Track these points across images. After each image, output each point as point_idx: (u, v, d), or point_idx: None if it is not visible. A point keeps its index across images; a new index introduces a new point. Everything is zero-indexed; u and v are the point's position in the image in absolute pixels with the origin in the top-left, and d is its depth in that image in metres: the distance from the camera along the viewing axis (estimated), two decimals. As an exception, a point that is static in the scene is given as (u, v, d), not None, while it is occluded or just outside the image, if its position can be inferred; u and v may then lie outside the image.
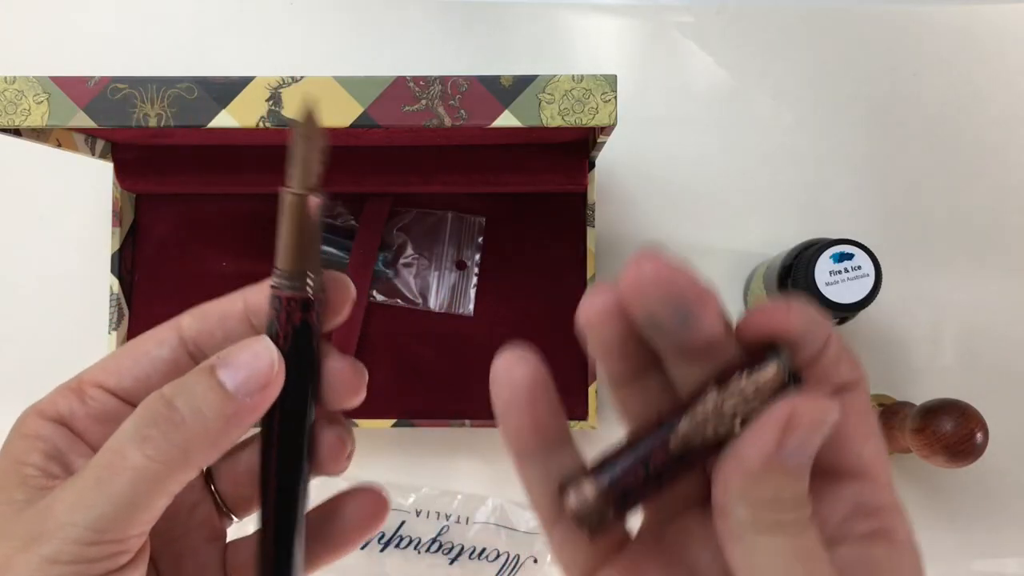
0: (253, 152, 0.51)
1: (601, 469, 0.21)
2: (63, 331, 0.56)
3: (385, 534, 0.54)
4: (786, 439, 0.19)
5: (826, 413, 0.19)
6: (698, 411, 0.20)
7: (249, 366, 0.22)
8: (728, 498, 0.20)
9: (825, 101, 0.58)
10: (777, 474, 0.19)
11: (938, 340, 0.56)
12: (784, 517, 0.19)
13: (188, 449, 0.21)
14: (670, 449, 0.20)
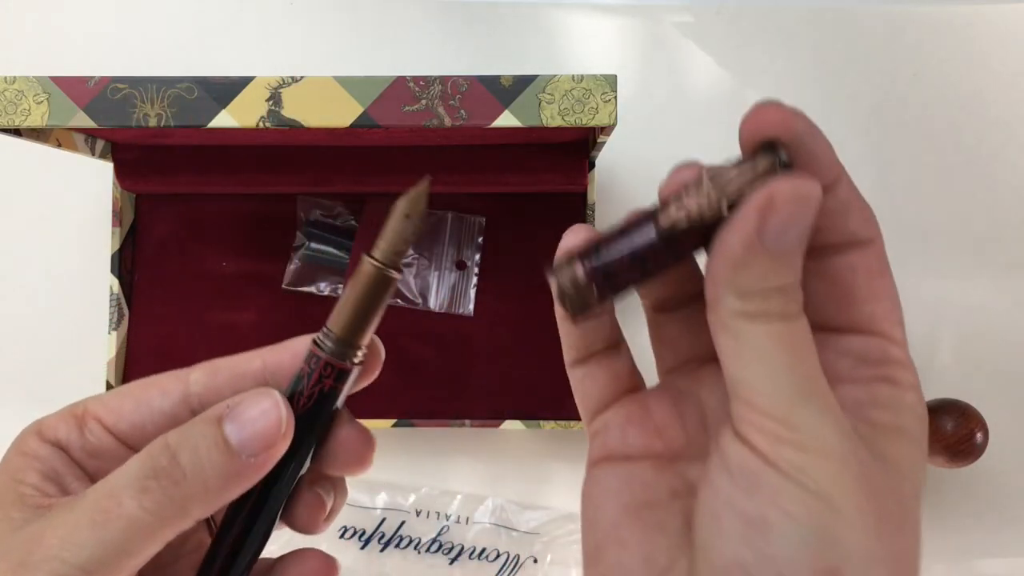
0: (253, 152, 0.51)
1: (589, 251, 0.21)
2: (63, 331, 0.56)
3: (385, 534, 0.54)
4: (766, 222, 0.19)
5: (804, 191, 0.19)
6: (688, 196, 0.20)
7: (256, 424, 0.22)
8: (716, 289, 0.20)
9: (825, 101, 0.58)
10: (761, 258, 0.19)
11: (938, 340, 0.55)
12: (772, 307, 0.19)
13: (185, 505, 0.21)
14: (659, 229, 0.20)
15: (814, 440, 0.19)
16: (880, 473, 0.20)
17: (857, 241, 0.21)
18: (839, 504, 0.18)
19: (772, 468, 0.19)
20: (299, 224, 0.54)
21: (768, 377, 0.19)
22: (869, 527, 0.19)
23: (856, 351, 0.21)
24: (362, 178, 0.51)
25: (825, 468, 0.19)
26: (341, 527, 0.54)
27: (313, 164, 0.51)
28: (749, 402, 0.19)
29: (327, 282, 0.54)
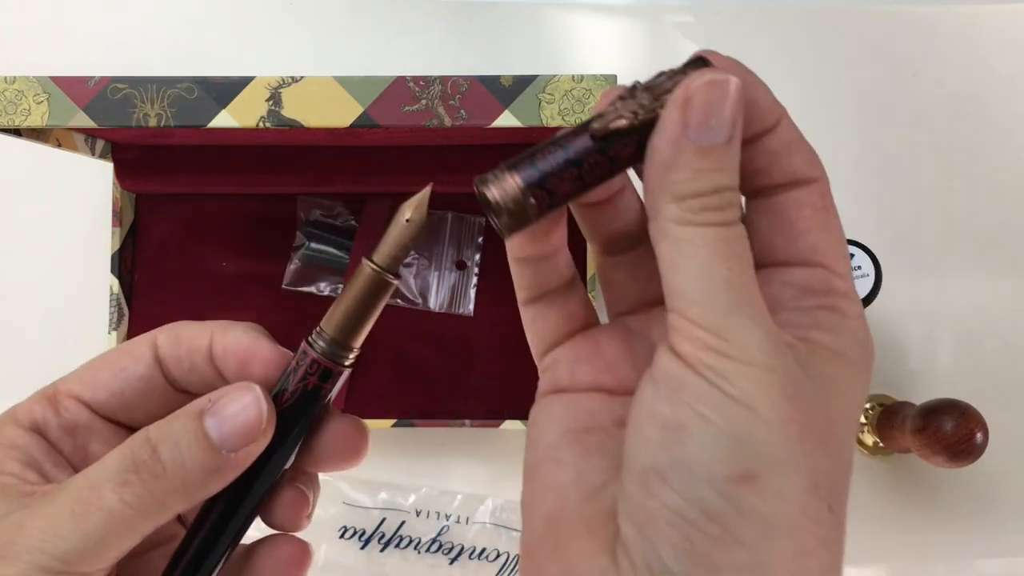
0: (253, 152, 0.51)
1: (521, 163, 0.20)
2: (63, 331, 0.56)
3: (385, 534, 0.54)
4: (688, 117, 0.19)
5: (718, 79, 0.19)
6: (619, 102, 0.20)
7: (237, 419, 0.22)
8: (653, 197, 0.20)
9: (825, 101, 0.58)
10: (690, 155, 0.19)
11: (938, 340, 0.55)
12: (708, 211, 0.19)
13: (165, 499, 0.22)
14: (592, 133, 0.20)
15: (741, 349, 0.19)
16: (810, 388, 0.20)
17: (801, 180, 0.22)
18: (760, 410, 0.18)
19: (694, 374, 0.19)
20: (299, 224, 0.54)
21: (702, 286, 0.19)
22: (791, 435, 0.18)
23: (800, 282, 0.22)
24: (362, 178, 0.51)
25: (748, 375, 0.18)
26: (341, 526, 0.54)
27: (313, 164, 0.51)
28: (682, 312, 0.19)
29: (327, 282, 0.54)
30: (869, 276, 0.45)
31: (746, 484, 0.18)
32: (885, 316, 0.55)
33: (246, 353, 0.24)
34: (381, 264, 0.23)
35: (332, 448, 0.25)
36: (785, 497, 0.18)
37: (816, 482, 0.19)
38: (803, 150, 0.22)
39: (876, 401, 0.54)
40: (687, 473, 0.18)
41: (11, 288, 0.57)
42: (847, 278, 0.22)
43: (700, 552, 0.18)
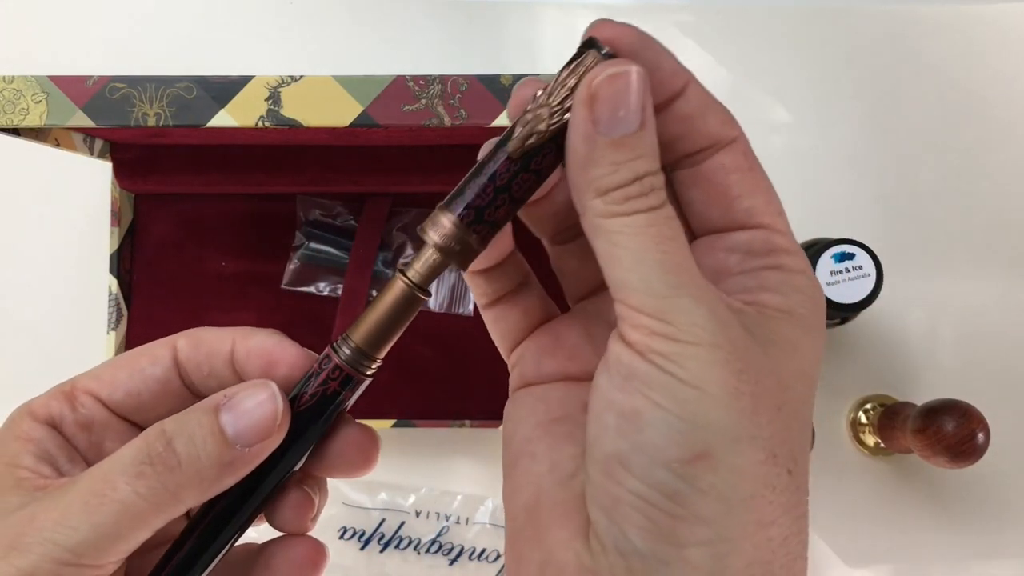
0: (252, 152, 0.51)
1: (453, 199, 0.21)
2: (62, 331, 0.56)
3: (385, 535, 0.54)
4: (596, 112, 0.19)
5: (618, 70, 0.19)
6: (528, 114, 0.20)
7: (252, 415, 0.22)
8: (579, 195, 0.20)
9: (825, 101, 0.58)
10: (605, 149, 0.19)
11: (938, 340, 0.55)
12: (632, 200, 0.19)
13: (179, 492, 0.22)
14: (510, 156, 0.20)
15: (685, 330, 0.19)
16: (760, 355, 0.20)
17: (721, 141, 0.22)
18: (709, 388, 0.19)
19: (645, 361, 0.19)
20: (299, 224, 0.54)
21: (638, 273, 0.19)
22: (742, 407, 0.19)
23: (742, 246, 0.22)
24: (362, 178, 0.51)
25: (694, 355, 0.19)
26: (341, 527, 0.54)
27: (313, 164, 0.51)
28: (625, 301, 0.19)
29: (326, 282, 0.54)
30: (869, 276, 0.45)
31: (702, 463, 0.19)
32: (885, 316, 0.55)
33: (271, 355, 0.24)
34: (414, 280, 0.23)
35: (343, 455, 0.25)
36: (741, 471, 0.19)
37: (772, 450, 0.19)
38: (716, 111, 0.22)
39: (877, 401, 0.54)
40: (646, 458, 0.19)
41: (10, 288, 0.57)
42: (787, 233, 0.22)
43: (665, 532, 0.19)
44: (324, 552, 0.26)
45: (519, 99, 0.21)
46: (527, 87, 0.21)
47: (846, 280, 0.45)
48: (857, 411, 0.55)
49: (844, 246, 0.45)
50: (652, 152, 0.20)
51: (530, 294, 0.25)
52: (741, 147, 0.22)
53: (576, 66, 0.20)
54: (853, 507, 0.54)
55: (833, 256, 0.45)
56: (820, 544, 0.54)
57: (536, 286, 0.26)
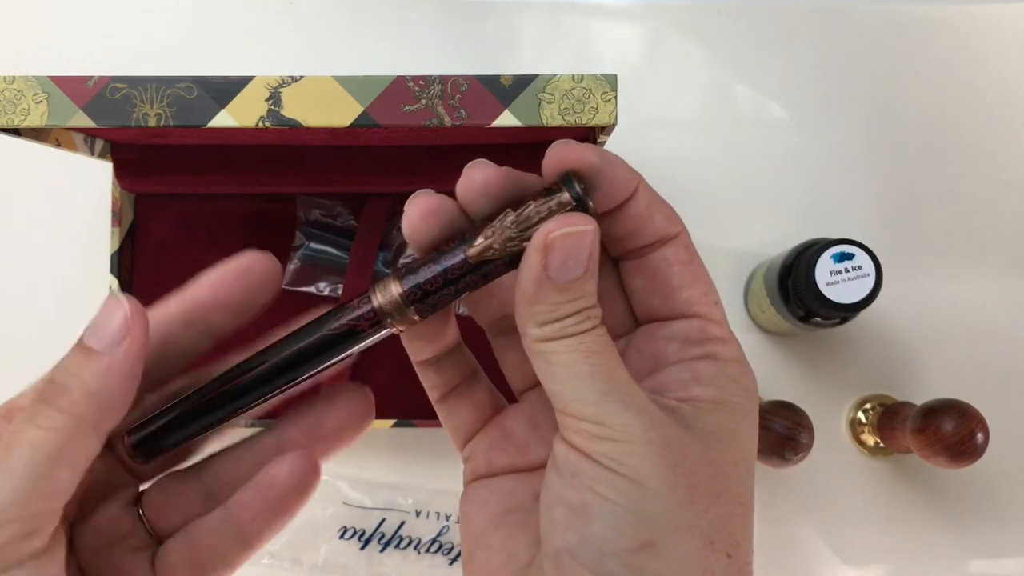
0: (253, 152, 0.51)
1: (406, 273, 0.23)
2: (62, 331, 0.56)
3: (385, 534, 0.54)
4: (549, 260, 0.21)
5: (575, 228, 0.21)
6: (493, 229, 0.22)
7: (102, 321, 0.23)
8: (521, 322, 0.22)
9: (825, 101, 0.58)
10: (551, 291, 0.21)
11: (938, 340, 0.55)
12: (569, 328, 0.22)
13: (78, 414, 0.22)
14: (467, 258, 0.23)
15: (621, 431, 0.21)
16: (696, 447, 0.22)
17: (665, 236, 0.24)
18: (647, 482, 0.20)
19: (589, 460, 0.21)
20: (299, 224, 0.54)
21: (575, 387, 0.21)
22: (680, 499, 0.21)
23: (680, 334, 0.24)
24: (362, 178, 0.51)
25: (632, 453, 0.21)
26: (341, 527, 0.54)
27: (313, 164, 0.51)
28: (564, 411, 0.22)
29: (327, 282, 0.54)
30: (869, 276, 0.45)
31: (647, 552, 0.20)
32: (885, 316, 0.55)
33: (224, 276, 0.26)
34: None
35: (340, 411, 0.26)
36: (683, 557, 0.20)
37: (711, 536, 0.21)
38: (662, 209, 0.24)
39: (877, 401, 0.54)
40: (594, 550, 0.20)
41: (10, 288, 0.57)
42: (722, 322, 0.24)
43: None
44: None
45: (468, 181, 0.23)
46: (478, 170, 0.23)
47: (845, 280, 0.45)
48: (856, 411, 0.55)
49: (844, 246, 0.45)
50: (591, 292, 0.22)
51: (478, 388, 0.27)
52: (683, 241, 0.24)
53: (550, 201, 0.22)
54: (852, 507, 0.54)
55: (833, 256, 0.45)
56: (820, 544, 0.54)
57: (484, 380, 0.28)
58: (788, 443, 0.44)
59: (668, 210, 0.24)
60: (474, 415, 0.27)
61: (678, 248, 0.24)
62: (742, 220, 0.57)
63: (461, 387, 0.27)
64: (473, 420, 0.27)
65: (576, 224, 0.21)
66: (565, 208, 0.22)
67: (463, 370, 0.27)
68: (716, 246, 0.56)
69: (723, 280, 0.56)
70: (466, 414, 0.27)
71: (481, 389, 0.27)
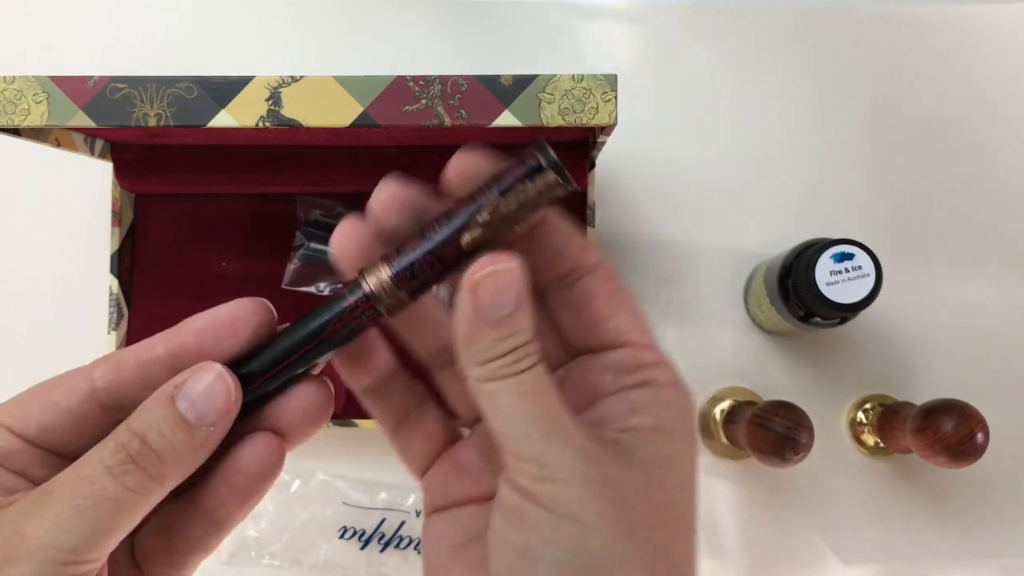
0: (253, 152, 0.51)
1: (397, 258, 0.23)
2: (63, 331, 0.56)
3: (385, 534, 0.54)
4: (477, 301, 0.22)
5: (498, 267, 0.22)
6: (487, 217, 0.23)
7: (206, 398, 0.23)
8: (462, 363, 0.23)
9: (825, 101, 0.58)
10: (485, 330, 0.22)
11: (938, 340, 0.55)
12: (508, 367, 0.22)
13: (163, 480, 0.23)
14: (460, 247, 0.23)
15: (560, 471, 0.21)
16: (636, 479, 0.22)
17: (584, 268, 0.25)
18: (588, 521, 0.21)
19: (531, 503, 0.22)
20: (299, 224, 0.54)
21: (516, 427, 0.22)
22: (620, 533, 0.21)
23: (614, 365, 0.25)
24: (362, 178, 0.51)
25: (572, 493, 0.21)
26: (341, 527, 0.54)
27: (313, 164, 0.51)
28: (508, 450, 0.22)
29: (327, 282, 0.54)
30: (869, 276, 0.45)
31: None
32: (885, 316, 0.55)
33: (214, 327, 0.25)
34: None
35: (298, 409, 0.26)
36: None
37: (652, 566, 0.22)
38: (575, 239, 0.25)
39: (876, 401, 0.54)
40: None
41: (10, 288, 0.57)
42: (652, 346, 0.25)
43: None
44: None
45: (459, 168, 0.24)
46: (467, 159, 0.24)
47: (845, 280, 0.45)
48: (856, 411, 0.55)
49: (844, 246, 0.45)
50: (526, 327, 0.22)
51: (428, 420, 0.28)
52: (603, 272, 0.25)
53: (537, 180, 0.22)
54: (852, 507, 0.54)
55: (832, 256, 0.45)
56: (820, 544, 0.54)
57: (434, 412, 0.28)
58: (788, 443, 0.44)
59: (584, 242, 0.25)
60: (426, 447, 0.28)
61: (599, 279, 0.25)
62: (742, 220, 0.57)
63: (411, 418, 0.28)
64: (426, 452, 0.28)
65: (500, 263, 0.22)
66: (550, 186, 0.22)
67: (408, 399, 0.28)
68: (716, 246, 0.56)
69: (723, 280, 0.56)
70: (419, 446, 0.28)
71: (431, 420, 0.28)
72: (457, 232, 0.23)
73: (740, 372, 0.55)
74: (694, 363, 0.55)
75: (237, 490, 0.25)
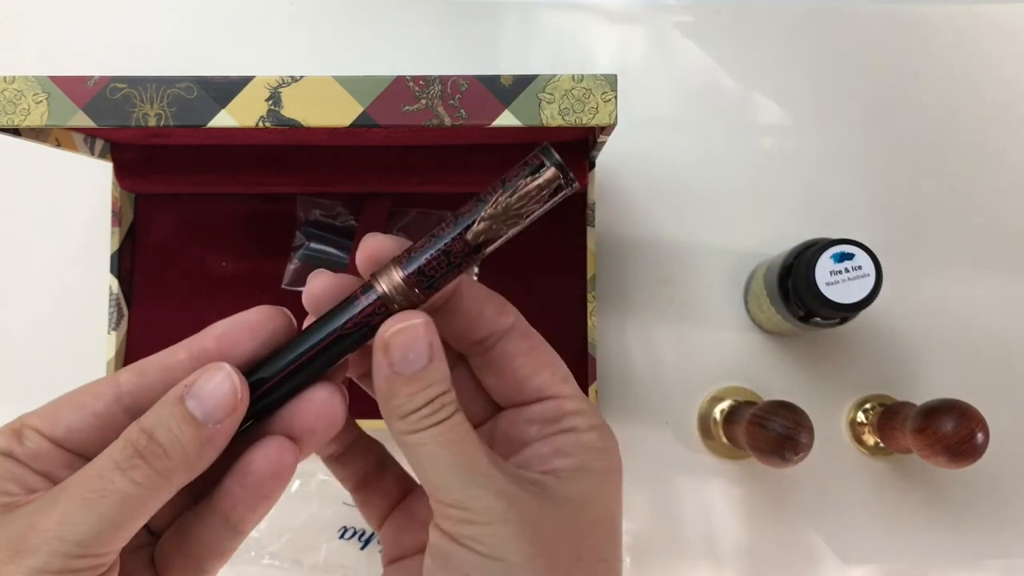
0: (253, 152, 0.51)
1: (407, 259, 0.24)
2: (63, 331, 0.56)
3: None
4: (390, 357, 0.23)
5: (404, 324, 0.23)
6: (490, 211, 0.23)
7: (213, 396, 0.24)
8: (385, 419, 0.24)
9: (825, 101, 0.58)
10: (400, 384, 0.23)
11: (938, 340, 0.55)
12: (426, 418, 0.23)
13: (170, 476, 0.23)
14: (467, 242, 0.24)
15: (481, 513, 0.23)
16: (554, 516, 0.24)
17: (499, 330, 0.26)
18: (508, 558, 0.23)
19: (457, 544, 0.23)
20: (299, 224, 0.54)
21: (438, 474, 0.23)
22: (538, 567, 0.23)
23: (539, 416, 0.26)
24: (362, 178, 0.51)
25: (492, 532, 0.23)
26: (341, 527, 0.54)
27: (313, 164, 0.51)
28: (434, 497, 0.24)
29: (327, 282, 0.54)
30: (869, 276, 0.45)
31: None
32: (885, 316, 0.55)
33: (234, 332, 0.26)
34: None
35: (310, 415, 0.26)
36: None
37: None
38: (490, 302, 0.26)
39: (876, 401, 0.54)
40: None
41: (10, 288, 0.57)
42: (574, 396, 0.26)
43: None
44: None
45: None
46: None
47: (845, 280, 0.45)
48: (856, 411, 0.55)
49: (843, 246, 0.45)
50: (441, 377, 0.24)
51: (387, 477, 0.30)
52: (519, 331, 0.26)
53: (539, 177, 0.23)
54: (852, 507, 0.54)
55: (832, 256, 0.45)
56: (820, 544, 0.54)
57: (394, 467, 0.30)
58: (788, 443, 0.44)
59: (498, 302, 0.26)
60: (385, 500, 0.30)
61: (516, 339, 0.26)
62: (742, 220, 0.57)
63: (370, 477, 0.30)
64: (383, 507, 0.30)
65: (408, 319, 0.23)
66: (552, 182, 0.23)
67: (369, 462, 0.30)
68: (716, 246, 0.56)
69: (723, 280, 0.56)
70: (377, 501, 0.30)
71: (389, 477, 0.30)
72: (464, 229, 0.24)
73: (740, 372, 0.55)
74: (694, 363, 0.55)
75: (249, 490, 0.25)
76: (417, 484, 0.30)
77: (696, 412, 0.55)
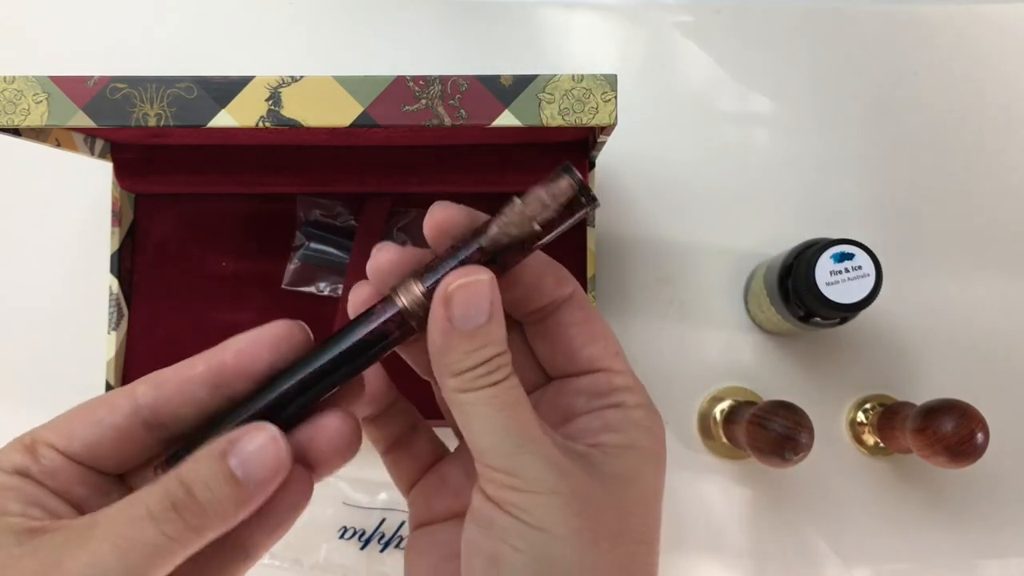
0: (253, 152, 0.51)
1: (426, 272, 0.24)
2: (63, 331, 0.56)
3: (385, 534, 0.54)
4: (451, 311, 0.23)
5: (470, 277, 0.23)
6: (503, 218, 0.23)
7: (257, 458, 0.23)
8: (437, 373, 0.24)
9: (825, 101, 0.58)
10: (458, 339, 0.23)
11: (938, 340, 0.55)
12: (481, 378, 0.23)
13: (203, 531, 0.23)
14: (483, 250, 0.24)
15: (530, 481, 0.23)
16: (601, 491, 0.23)
17: (558, 299, 0.26)
18: (554, 530, 0.22)
19: (501, 511, 0.23)
20: (299, 224, 0.54)
21: (489, 437, 0.23)
22: (583, 542, 0.22)
23: (588, 388, 0.26)
24: (362, 178, 0.51)
25: (539, 502, 0.22)
26: (341, 527, 0.54)
27: (313, 164, 0.51)
28: (481, 460, 0.23)
29: (327, 282, 0.54)
30: (869, 276, 0.45)
31: None
32: (885, 316, 0.55)
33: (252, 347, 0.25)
34: None
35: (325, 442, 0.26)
36: None
37: (614, 574, 0.23)
38: (552, 271, 0.26)
39: (876, 401, 0.54)
40: None
41: (10, 288, 0.57)
42: (625, 372, 0.26)
43: None
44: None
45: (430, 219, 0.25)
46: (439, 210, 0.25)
47: (845, 280, 0.45)
48: (856, 411, 0.55)
49: (843, 246, 0.45)
50: (499, 338, 0.23)
51: (419, 440, 0.30)
52: (577, 301, 0.26)
53: (552, 186, 0.23)
54: (852, 507, 0.54)
55: (832, 256, 0.45)
56: (820, 544, 0.54)
57: (425, 431, 0.30)
58: (788, 443, 0.44)
59: (559, 272, 0.26)
60: (415, 465, 0.29)
61: (573, 309, 0.26)
62: (742, 220, 0.57)
63: (402, 440, 0.29)
64: (414, 470, 0.29)
65: (472, 274, 0.23)
66: (567, 192, 0.23)
67: (403, 424, 0.29)
68: (716, 246, 0.56)
69: (723, 280, 0.56)
70: (408, 465, 0.29)
71: (422, 440, 0.30)
72: (481, 240, 0.24)
73: (740, 372, 0.55)
74: (694, 363, 0.55)
75: (263, 519, 0.25)
76: (448, 450, 0.30)
77: (696, 412, 0.55)
